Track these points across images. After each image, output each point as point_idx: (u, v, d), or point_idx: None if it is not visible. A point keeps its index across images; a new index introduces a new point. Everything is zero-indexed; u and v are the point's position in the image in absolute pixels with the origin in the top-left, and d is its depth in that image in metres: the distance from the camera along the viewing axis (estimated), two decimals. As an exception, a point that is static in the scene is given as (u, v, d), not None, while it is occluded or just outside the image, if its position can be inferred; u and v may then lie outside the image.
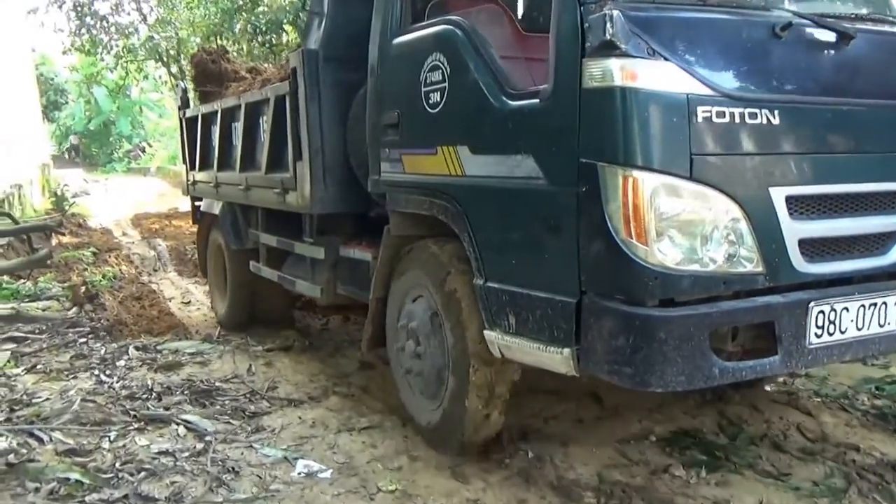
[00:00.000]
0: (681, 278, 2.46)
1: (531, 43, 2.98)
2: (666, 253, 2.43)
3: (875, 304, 2.82)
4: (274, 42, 12.19)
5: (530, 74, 3.02)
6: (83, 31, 16.19)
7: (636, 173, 2.39)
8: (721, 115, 2.48)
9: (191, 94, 6.81)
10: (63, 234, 9.26)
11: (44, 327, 5.51)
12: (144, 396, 4.03)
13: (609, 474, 3.26)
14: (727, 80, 2.55)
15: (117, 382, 4.25)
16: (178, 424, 3.64)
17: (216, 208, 5.79)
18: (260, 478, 3.14)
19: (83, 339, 5.22)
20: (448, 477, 3.21)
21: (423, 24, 3.35)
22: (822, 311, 2.68)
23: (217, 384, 4.28)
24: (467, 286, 3.07)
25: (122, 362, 4.63)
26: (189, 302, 7.08)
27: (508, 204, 2.87)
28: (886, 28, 3.08)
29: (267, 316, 5.63)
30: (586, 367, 2.57)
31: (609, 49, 2.39)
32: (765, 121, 2.57)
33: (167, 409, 3.86)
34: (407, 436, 3.63)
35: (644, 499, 3.03)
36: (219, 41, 12.83)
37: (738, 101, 2.52)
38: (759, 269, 2.59)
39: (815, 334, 2.67)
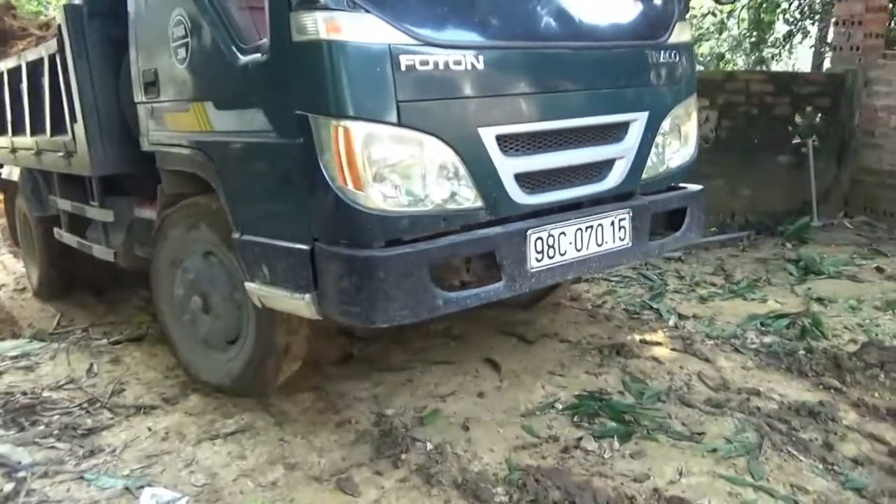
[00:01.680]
0: (399, 219, 2.54)
1: None
2: (382, 197, 2.49)
3: (591, 227, 3.04)
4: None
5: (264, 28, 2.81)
6: None
7: (346, 123, 2.41)
8: (425, 62, 2.51)
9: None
10: None
11: None
12: (-59, 424, 3.09)
13: (518, 458, 2.77)
14: (431, 29, 2.56)
15: None
16: (-20, 459, 2.76)
17: (16, 175, 5.37)
18: (90, 523, 2.39)
19: None
20: (333, 488, 2.59)
21: None
22: (540, 238, 2.84)
23: (45, 394, 3.38)
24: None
25: (-85, 378, 3.60)
26: (24, 289, 5.91)
27: (249, 158, 2.84)
28: None
29: (88, 283, 5.27)
30: (324, 310, 2.60)
31: (311, 2, 2.39)
32: (469, 66, 2.61)
33: (-31, 439, 2.95)
34: (283, 438, 2.96)
35: (560, 486, 2.54)
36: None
37: (441, 48, 2.55)
38: (479, 204, 2.71)
39: (536, 259, 2.84)
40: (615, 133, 3.21)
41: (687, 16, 3.62)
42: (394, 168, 2.51)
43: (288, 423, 3.10)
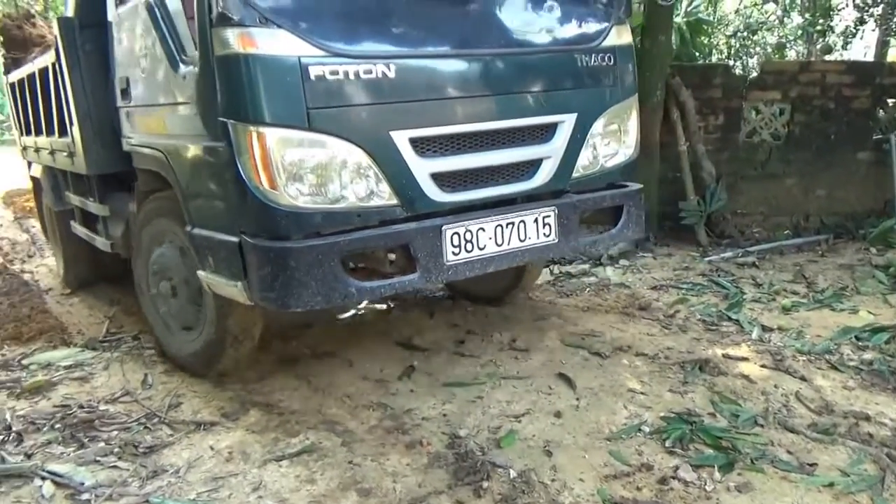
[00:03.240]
0: (313, 215, 2.81)
1: None
2: (295, 195, 2.76)
3: (513, 224, 3.23)
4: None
5: None
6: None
7: (259, 129, 2.68)
8: (334, 72, 2.75)
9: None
10: None
11: None
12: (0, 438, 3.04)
13: (612, 489, 2.60)
14: (341, 41, 2.79)
15: (-39, 421, 3.20)
16: (42, 479, 2.66)
17: (39, 172, 5.94)
18: (160, 555, 2.28)
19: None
20: (415, 519, 2.46)
21: None
22: (456, 233, 3.06)
23: (101, 408, 3.31)
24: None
25: (-29, 389, 3.55)
26: (71, 293, 5.92)
27: (192, 159, 3.15)
28: None
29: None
30: (252, 296, 2.89)
31: (225, 20, 2.66)
32: (380, 74, 2.84)
33: (29, 455, 2.86)
34: (352, 460, 2.83)
35: (663, 522, 2.37)
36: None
37: (351, 58, 2.79)
38: (394, 201, 2.96)
39: (453, 252, 3.06)
40: (541, 134, 3.38)
41: (628, 18, 3.75)
42: (306, 169, 2.76)
43: (355, 443, 2.98)
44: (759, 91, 6.61)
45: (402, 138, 2.93)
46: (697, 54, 7.18)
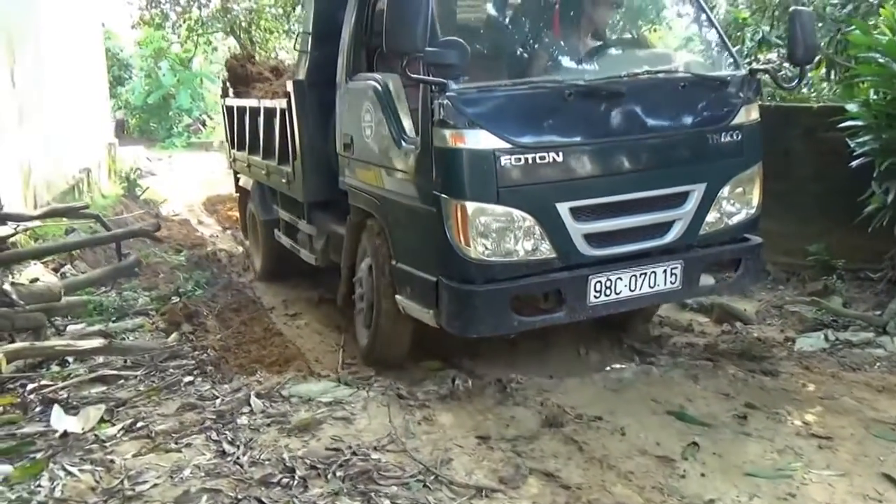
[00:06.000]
0: (493, 266, 3.82)
1: None
2: (482, 250, 3.78)
3: (645, 274, 4.07)
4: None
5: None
6: (153, 4, 16.34)
7: (463, 202, 3.73)
8: (518, 160, 3.76)
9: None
10: (160, 241, 8.39)
11: (139, 358, 4.64)
12: (284, 481, 3.07)
13: None
14: (524, 135, 3.80)
15: (244, 454, 3.29)
16: (348, 540, 2.69)
17: (249, 185, 7.46)
18: None
19: (188, 378, 4.31)
20: None
21: (361, 75, 4.70)
22: (599, 281, 3.96)
23: (373, 456, 3.31)
24: (384, 255, 4.43)
25: (243, 419, 3.66)
26: (295, 314, 6.23)
27: (403, 212, 4.21)
28: (656, 77, 4.36)
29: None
30: (440, 322, 3.92)
31: (444, 124, 3.74)
32: (552, 160, 3.82)
33: (321, 507, 2.89)
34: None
35: None
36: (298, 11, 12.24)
37: (530, 149, 3.79)
38: (553, 255, 3.90)
39: (594, 296, 3.96)
40: (675, 201, 4.18)
41: (758, 97, 4.56)
42: (492, 231, 3.77)
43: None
44: None
45: (564, 208, 3.85)
46: None
